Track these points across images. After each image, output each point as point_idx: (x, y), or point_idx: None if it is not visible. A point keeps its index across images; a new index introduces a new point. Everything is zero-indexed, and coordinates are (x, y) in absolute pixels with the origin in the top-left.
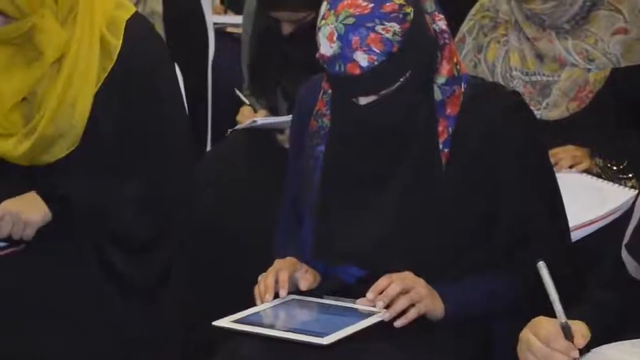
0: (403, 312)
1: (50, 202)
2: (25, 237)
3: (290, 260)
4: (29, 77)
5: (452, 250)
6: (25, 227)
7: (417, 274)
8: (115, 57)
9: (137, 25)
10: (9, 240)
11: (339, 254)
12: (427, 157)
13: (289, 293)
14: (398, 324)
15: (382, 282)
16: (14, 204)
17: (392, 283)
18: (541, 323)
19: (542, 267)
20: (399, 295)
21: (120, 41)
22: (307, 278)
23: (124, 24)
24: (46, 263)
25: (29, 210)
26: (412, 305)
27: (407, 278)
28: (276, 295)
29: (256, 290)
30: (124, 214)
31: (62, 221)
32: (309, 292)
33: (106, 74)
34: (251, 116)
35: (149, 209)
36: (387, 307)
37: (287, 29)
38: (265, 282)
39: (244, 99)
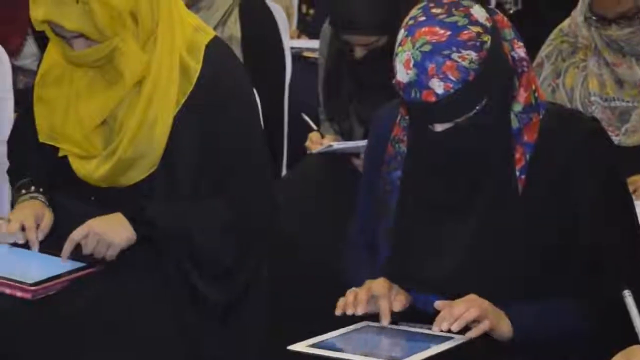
0: (467, 329)
1: (136, 224)
2: (107, 257)
3: (383, 281)
4: (110, 100)
5: (528, 276)
6: (108, 248)
7: (492, 300)
8: (194, 80)
9: (216, 49)
10: (90, 259)
11: (414, 281)
12: (503, 184)
13: (369, 315)
14: (471, 334)
15: (458, 309)
16: (99, 224)
17: (470, 309)
18: (635, 353)
19: (628, 296)
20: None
21: (200, 65)
22: (400, 300)
23: (203, 48)
24: (127, 284)
25: (114, 231)
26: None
27: (472, 300)
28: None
29: (341, 301)
30: (208, 237)
31: (146, 243)
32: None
33: (185, 98)
34: (319, 141)
35: (232, 231)
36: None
37: (359, 52)
38: (357, 295)
39: (311, 124)
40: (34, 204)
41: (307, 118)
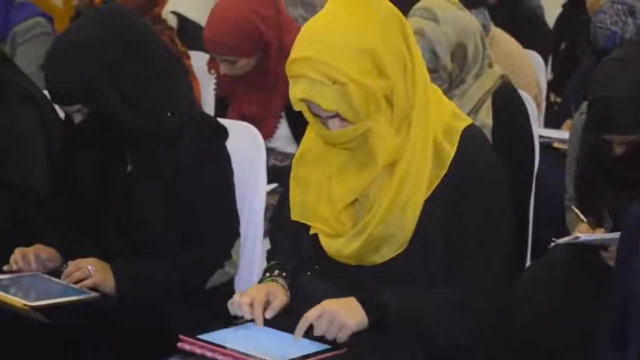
0: None
1: (368, 308)
2: (338, 339)
3: None
4: (361, 180)
5: None
6: (340, 329)
7: None
8: (448, 164)
9: (472, 135)
10: (321, 340)
11: None
12: None
13: None
14: None
15: None
16: (333, 305)
17: None
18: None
19: None
20: None
21: (455, 149)
22: None
23: (459, 133)
24: None
25: (348, 314)
26: None
27: None
28: None
29: None
30: (439, 322)
31: (377, 328)
32: None
33: (438, 182)
34: (588, 233)
35: (466, 319)
36: None
37: (617, 149)
38: None
39: (580, 215)
40: (270, 284)
41: (576, 210)
